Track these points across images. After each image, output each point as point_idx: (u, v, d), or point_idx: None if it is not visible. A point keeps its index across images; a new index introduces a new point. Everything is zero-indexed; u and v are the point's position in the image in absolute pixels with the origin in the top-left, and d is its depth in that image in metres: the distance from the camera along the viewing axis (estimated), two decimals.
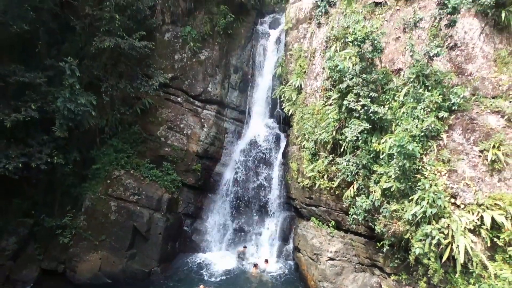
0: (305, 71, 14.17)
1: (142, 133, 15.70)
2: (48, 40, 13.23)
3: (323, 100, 12.48)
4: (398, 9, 10.96)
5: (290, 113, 14.82)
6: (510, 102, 9.27)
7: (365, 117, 9.59)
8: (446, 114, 8.75)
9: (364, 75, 9.60)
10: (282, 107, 15.61)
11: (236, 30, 18.37)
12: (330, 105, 11.77)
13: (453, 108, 8.83)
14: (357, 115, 9.76)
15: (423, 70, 8.98)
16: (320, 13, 13.41)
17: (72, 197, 14.11)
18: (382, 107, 9.60)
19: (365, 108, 9.46)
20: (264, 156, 16.86)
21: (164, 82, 15.57)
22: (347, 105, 9.77)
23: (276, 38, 18.99)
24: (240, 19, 18.63)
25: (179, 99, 16.70)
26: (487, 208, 7.90)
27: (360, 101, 9.63)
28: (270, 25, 20.22)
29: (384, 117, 9.33)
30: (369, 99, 9.56)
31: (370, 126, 9.46)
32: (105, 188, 14.23)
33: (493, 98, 9.35)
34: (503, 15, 9.50)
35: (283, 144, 16.83)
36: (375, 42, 9.56)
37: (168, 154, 15.87)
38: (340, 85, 10.31)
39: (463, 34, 9.87)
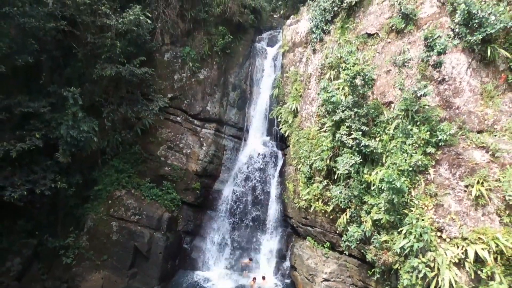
0: (301, 95, 14.60)
1: (142, 153, 16.10)
2: (51, 65, 13.63)
3: (318, 125, 12.91)
4: (389, 42, 11.38)
5: (286, 134, 15.24)
6: (496, 135, 9.74)
7: (357, 149, 10.01)
8: (433, 150, 9.18)
9: (355, 109, 10.03)
10: (279, 128, 16.04)
11: (234, 48, 18.79)
12: (325, 131, 12.20)
13: (440, 144, 9.25)
14: (350, 146, 10.17)
15: (412, 107, 9.39)
16: (315, 40, 13.83)
17: (74, 217, 14.51)
18: (373, 139, 10.04)
19: (357, 141, 9.88)
20: (262, 173, 17.27)
21: (164, 106, 16.07)
22: (340, 138, 10.19)
23: (274, 56, 19.41)
24: (238, 38, 19.05)
25: (178, 118, 17.11)
26: (471, 242, 8.33)
27: (352, 134, 10.06)
28: (268, 43, 20.63)
29: (375, 150, 9.75)
30: (361, 133, 9.98)
31: (362, 160, 9.88)
32: (107, 209, 14.64)
33: (478, 132, 9.79)
34: (488, 51, 9.92)
35: (280, 162, 17.25)
36: (366, 77, 9.97)
37: (168, 174, 16.28)
38: (333, 116, 10.73)
39: (451, 69, 10.29)
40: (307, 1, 16.87)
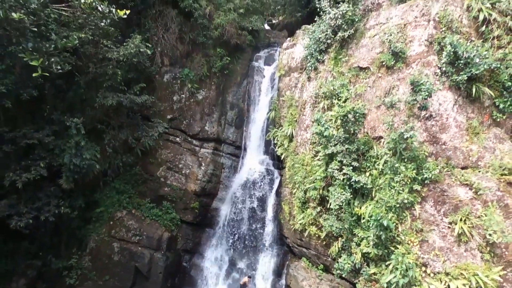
0: (296, 120, 15.06)
1: (142, 174, 16.59)
2: (54, 92, 14.07)
3: (312, 152, 13.38)
4: (380, 76, 11.84)
5: (282, 157, 15.72)
6: (480, 171, 10.23)
7: (348, 183, 10.50)
8: (419, 187, 9.66)
9: (347, 145, 10.51)
10: (275, 150, 16.50)
11: (232, 68, 19.22)
12: (319, 159, 12.67)
13: (426, 181, 9.74)
14: (341, 180, 10.66)
15: (400, 145, 9.87)
16: (310, 68, 14.28)
17: (77, 238, 15.01)
18: (364, 174, 10.52)
19: (348, 176, 10.37)
20: (259, 192, 17.74)
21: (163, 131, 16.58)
22: (332, 173, 10.68)
23: (271, 75, 19.84)
24: (236, 57, 19.49)
25: (177, 139, 17.58)
26: (453, 278, 8.84)
27: (343, 169, 10.55)
28: (265, 61, 21.04)
29: (365, 186, 10.23)
30: (351, 168, 10.47)
31: (352, 196, 10.38)
32: (108, 230, 15.13)
33: (463, 168, 10.26)
34: (473, 89, 10.40)
35: (277, 181, 17.72)
36: (357, 115, 10.44)
37: (168, 194, 16.77)
38: (326, 150, 11.20)
39: (438, 106, 10.75)
40: (303, 26, 17.41)
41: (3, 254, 13.77)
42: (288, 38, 18.45)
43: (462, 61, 10.13)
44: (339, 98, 11.97)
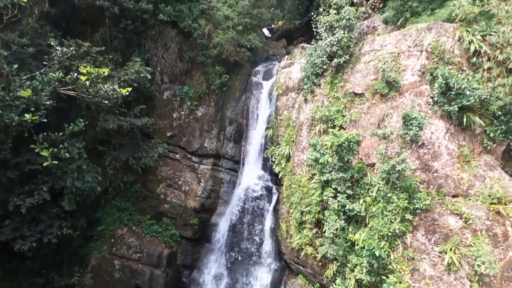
0: (293, 140, 15.36)
1: (143, 191, 16.92)
2: (56, 116, 14.37)
3: (308, 174, 13.68)
4: (374, 103, 12.13)
5: (280, 176, 16.03)
6: (470, 200, 10.53)
7: (342, 210, 10.82)
8: (411, 217, 9.98)
9: (341, 174, 10.82)
10: (273, 167, 16.81)
11: (231, 83, 19.49)
12: (315, 182, 12.98)
13: (417, 210, 10.05)
14: (335, 207, 10.97)
15: (392, 175, 10.17)
16: (307, 91, 14.57)
17: (79, 256, 15.35)
18: (358, 201, 10.84)
19: (342, 203, 10.68)
20: (257, 208, 18.06)
21: (164, 142, 16.84)
22: (327, 200, 10.99)
23: (269, 90, 20.12)
24: (235, 73, 19.75)
25: (177, 156, 17.90)
26: None
27: (338, 196, 10.86)
28: (263, 76, 21.30)
29: (359, 213, 10.55)
30: (346, 195, 10.79)
31: (346, 223, 10.69)
32: (110, 247, 15.47)
33: (454, 196, 10.57)
34: (464, 119, 10.71)
35: (274, 197, 18.03)
36: (351, 144, 10.75)
37: (168, 211, 17.10)
38: (321, 176, 11.52)
39: (430, 134, 11.04)
40: (300, 43, 17.68)
41: (7, 272, 14.12)
42: (286, 57, 18.75)
43: (453, 92, 10.42)
44: (334, 125, 12.28)
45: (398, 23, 14.17)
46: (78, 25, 14.95)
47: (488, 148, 11.02)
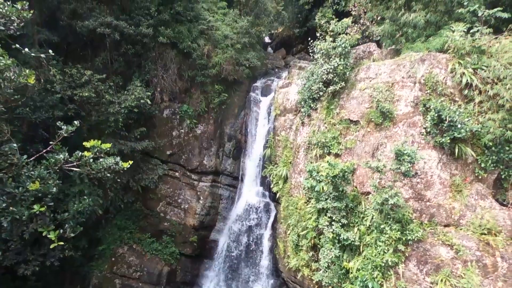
0: (290, 162, 15.65)
1: (143, 209, 17.24)
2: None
3: (305, 198, 13.97)
4: (369, 131, 12.42)
5: (277, 196, 16.32)
6: (461, 229, 10.82)
7: (337, 239, 11.11)
8: (403, 248, 10.27)
9: (336, 203, 11.11)
10: (271, 186, 17.09)
11: (230, 101, 19.78)
12: (311, 207, 13.27)
13: (409, 242, 10.35)
14: (330, 236, 11.27)
15: (385, 207, 10.46)
16: (304, 114, 14.85)
17: (80, 275, 15.67)
18: (352, 230, 11.13)
19: (337, 232, 10.97)
20: (256, 224, 18.37)
21: (163, 160, 17.13)
22: (322, 229, 11.28)
23: (268, 106, 20.39)
24: (234, 90, 20.04)
25: (177, 173, 18.20)
26: None
27: (333, 225, 11.16)
28: (262, 92, 21.58)
29: (353, 242, 10.84)
30: (340, 224, 11.08)
31: (341, 251, 10.99)
32: (110, 266, 15.78)
33: (446, 226, 10.87)
34: (456, 150, 10.98)
35: (273, 214, 18.33)
36: (346, 174, 11.04)
37: (167, 229, 17.41)
38: (317, 204, 11.81)
39: (423, 164, 11.30)
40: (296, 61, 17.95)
41: None
42: (284, 76, 19.05)
43: (445, 124, 10.69)
44: (330, 152, 12.57)
45: (394, 46, 14.48)
46: (79, 49, 15.24)
47: (480, 177, 11.29)
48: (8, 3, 6.40)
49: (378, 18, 16.04)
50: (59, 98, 12.15)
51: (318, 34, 14.61)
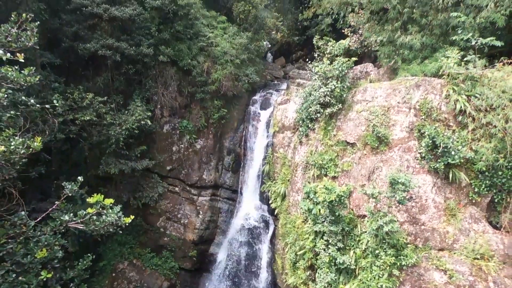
0: (288, 180, 15.88)
1: (143, 225, 17.47)
2: (59, 158, 14.91)
3: (303, 217, 14.20)
4: (365, 154, 12.64)
5: (276, 212, 16.54)
6: (455, 253, 11.05)
7: (334, 262, 11.34)
8: (398, 273, 10.50)
9: (332, 227, 11.34)
10: (270, 202, 17.32)
11: (229, 115, 20.00)
12: (308, 227, 13.49)
13: (404, 267, 10.58)
14: (327, 260, 11.50)
15: (380, 232, 10.69)
16: (302, 133, 15.07)
17: None
18: (348, 253, 11.35)
19: (333, 255, 11.21)
20: (254, 238, 18.61)
21: (163, 175, 17.36)
22: (318, 252, 11.51)
23: (267, 120, 20.62)
24: (233, 104, 20.27)
25: (176, 188, 18.43)
26: None
27: (329, 248, 11.39)
28: (261, 105, 21.82)
29: (349, 266, 11.08)
30: (336, 248, 11.31)
31: (337, 274, 11.22)
32: (111, 282, 16.02)
33: (440, 250, 11.10)
34: (450, 175, 11.21)
35: (271, 228, 18.56)
36: (342, 198, 11.27)
37: (167, 244, 17.64)
38: (314, 226, 12.04)
39: (417, 188, 11.56)
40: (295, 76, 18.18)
41: None
42: (283, 89, 19.25)
43: (439, 150, 10.92)
44: (327, 174, 12.80)
45: (391, 64, 14.71)
46: (80, 69, 15.46)
47: (474, 201, 11.51)
48: (16, 67, 6.65)
49: (377, 30, 16.27)
50: (61, 121, 12.39)
51: (316, 55, 14.85)
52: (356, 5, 16.80)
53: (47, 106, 8.36)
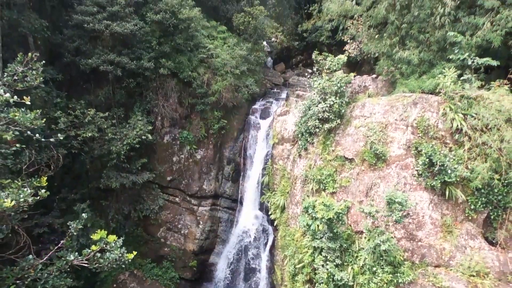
0: (288, 192, 16.04)
1: (144, 235, 17.65)
2: (61, 172, 15.05)
3: (302, 230, 14.36)
4: (363, 170, 12.80)
5: (275, 224, 16.71)
6: (451, 270, 11.21)
7: (332, 278, 11.51)
8: None
9: (330, 243, 11.50)
10: (269, 213, 17.49)
11: (229, 125, 20.17)
12: (307, 241, 13.65)
13: (400, 285, 10.74)
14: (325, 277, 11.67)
15: (378, 249, 10.85)
16: (301, 147, 15.23)
17: None
18: (346, 269, 11.52)
19: (331, 272, 11.38)
20: (254, 248, 18.79)
21: (164, 186, 17.54)
22: (317, 268, 11.68)
23: (266, 129, 20.78)
24: (233, 114, 20.45)
25: (177, 199, 18.60)
26: None
27: (327, 264, 11.55)
28: (261, 115, 21.98)
29: (347, 283, 11.25)
30: (334, 264, 11.47)
31: None
32: None
33: (436, 266, 11.26)
34: (447, 192, 11.37)
35: (271, 238, 18.74)
36: (340, 215, 11.44)
37: (168, 254, 17.82)
38: (312, 242, 12.20)
39: (414, 205, 11.72)
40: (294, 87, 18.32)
41: None
42: (282, 103, 19.41)
43: (436, 168, 11.08)
44: (325, 189, 12.96)
45: (389, 77, 14.86)
46: (82, 83, 15.63)
47: (470, 217, 11.67)
48: (23, 109, 6.86)
49: (376, 37, 16.40)
50: (63, 137, 12.54)
51: (315, 69, 15.01)
52: (356, 17, 16.98)
53: (51, 139, 8.50)
